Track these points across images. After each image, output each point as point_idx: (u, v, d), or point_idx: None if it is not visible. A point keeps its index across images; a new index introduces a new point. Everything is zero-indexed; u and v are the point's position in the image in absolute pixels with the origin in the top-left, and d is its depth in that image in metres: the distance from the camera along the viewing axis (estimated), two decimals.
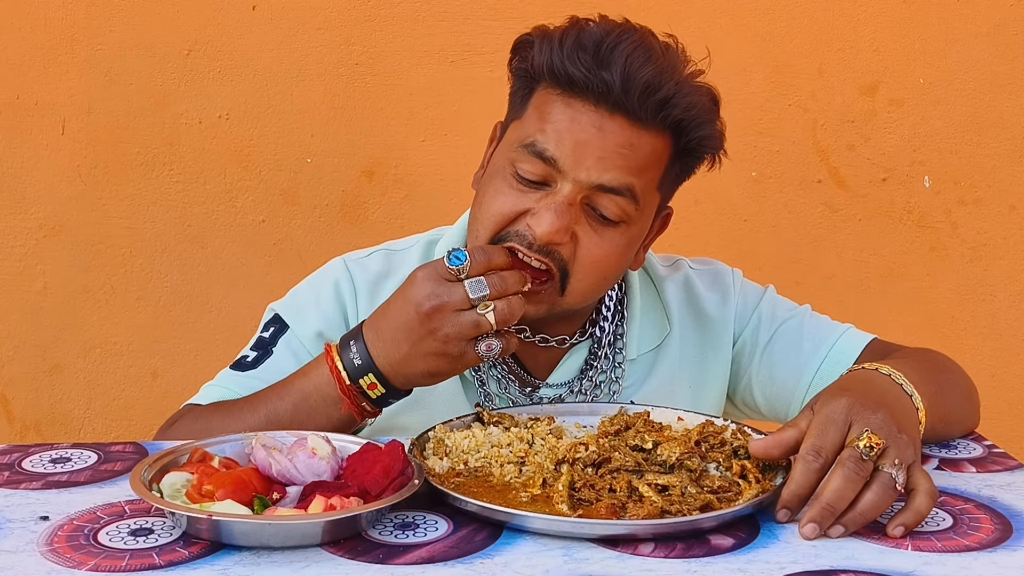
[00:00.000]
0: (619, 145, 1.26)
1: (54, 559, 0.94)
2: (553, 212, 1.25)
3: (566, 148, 1.26)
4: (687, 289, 1.51)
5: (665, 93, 1.25)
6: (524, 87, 1.33)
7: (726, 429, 1.19)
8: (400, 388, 1.21)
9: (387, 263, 1.46)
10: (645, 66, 1.24)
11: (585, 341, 1.44)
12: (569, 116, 1.26)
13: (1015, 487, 1.17)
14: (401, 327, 1.18)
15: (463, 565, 0.95)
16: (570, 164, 1.26)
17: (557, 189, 1.27)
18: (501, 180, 1.30)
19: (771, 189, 2.25)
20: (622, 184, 1.27)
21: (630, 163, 1.26)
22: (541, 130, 1.27)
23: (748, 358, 1.49)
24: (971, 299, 2.29)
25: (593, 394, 1.42)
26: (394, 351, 1.18)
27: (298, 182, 2.20)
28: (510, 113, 1.36)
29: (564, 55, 1.26)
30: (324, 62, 2.16)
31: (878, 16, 2.20)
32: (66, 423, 2.24)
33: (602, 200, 1.27)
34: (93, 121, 2.15)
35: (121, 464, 1.17)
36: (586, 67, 1.24)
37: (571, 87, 1.26)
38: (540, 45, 1.29)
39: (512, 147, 1.30)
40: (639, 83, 1.24)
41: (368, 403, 1.21)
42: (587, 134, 1.26)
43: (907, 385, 1.16)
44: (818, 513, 1.02)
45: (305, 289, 1.45)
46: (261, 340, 1.41)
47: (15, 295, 2.20)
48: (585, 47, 1.25)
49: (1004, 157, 2.25)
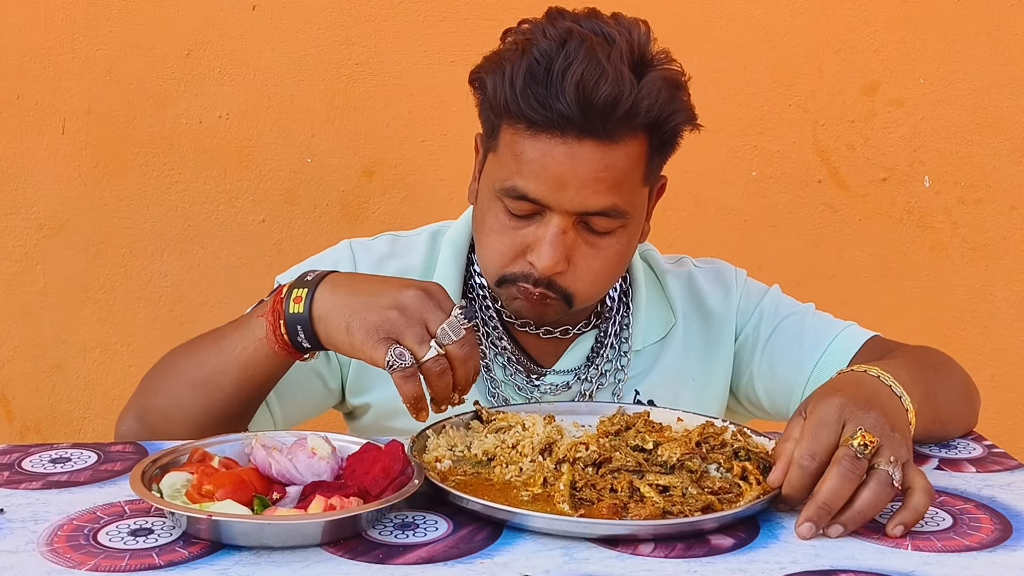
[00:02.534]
0: (595, 170, 1.26)
1: (54, 559, 0.94)
2: (549, 245, 1.28)
3: (546, 185, 1.27)
4: (690, 285, 1.52)
5: (625, 105, 1.24)
6: (489, 119, 1.34)
7: (726, 430, 1.19)
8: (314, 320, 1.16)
9: (392, 247, 1.48)
10: (600, 84, 1.22)
11: (591, 331, 1.46)
12: (540, 152, 1.27)
13: (1015, 487, 1.17)
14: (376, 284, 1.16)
15: (463, 565, 0.95)
16: (554, 199, 1.27)
17: (547, 219, 1.29)
18: (494, 218, 1.33)
19: (771, 189, 2.25)
20: (606, 206, 1.28)
21: (609, 184, 1.27)
22: (518, 172, 1.28)
23: (750, 353, 1.50)
24: (971, 299, 2.29)
25: (598, 383, 1.43)
26: (347, 288, 1.15)
27: (298, 182, 2.20)
28: (485, 138, 1.37)
29: (519, 96, 1.25)
30: (324, 62, 2.16)
31: (878, 16, 2.20)
32: (66, 423, 2.24)
33: (593, 219, 1.30)
34: (93, 121, 2.15)
35: (121, 464, 1.17)
36: (541, 103, 1.24)
37: (533, 124, 1.27)
38: (493, 83, 1.29)
39: (494, 187, 1.31)
40: (598, 105, 1.23)
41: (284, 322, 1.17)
42: (562, 167, 1.26)
43: (896, 387, 1.16)
44: (814, 512, 1.02)
45: (308, 264, 1.47)
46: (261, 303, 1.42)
47: (15, 295, 2.19)
48: (536, 79, 1.25)
49: (1004, 157, 2.25)
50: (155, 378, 1.33)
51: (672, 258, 1.56)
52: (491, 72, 1.30)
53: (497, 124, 1.32)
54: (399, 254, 1.47)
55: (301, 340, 1.18)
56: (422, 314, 1.12)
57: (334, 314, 1.14)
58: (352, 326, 1.12)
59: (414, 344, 1.10)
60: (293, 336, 1.18)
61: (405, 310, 1.12)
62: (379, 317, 1.11)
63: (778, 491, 1.06)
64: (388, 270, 1.44)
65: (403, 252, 1.47)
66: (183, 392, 1.28)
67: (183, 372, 1.29)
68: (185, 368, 1.30)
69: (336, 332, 1.14)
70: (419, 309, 1.12)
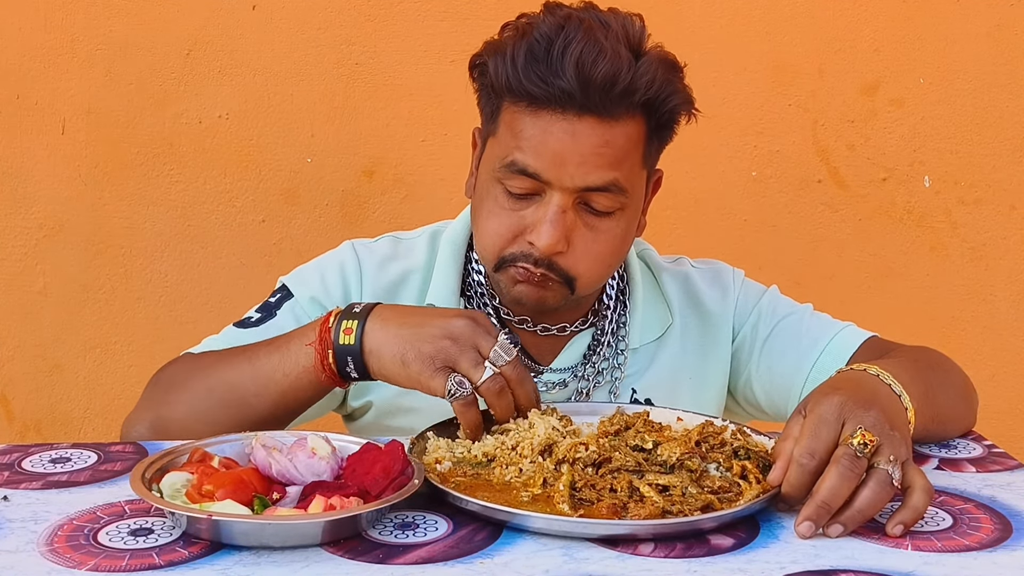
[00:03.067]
0: (595, 145, 1.28)
1: (54, 559, 0.94)
2: (549, 223, 1.29)
3: (545, 160, 1.28)
4: (687, 284, 1.52)
5: (624, 82, 1.26)
6: (490, 103, 1.35)
7: (726, 430, 1.19)
8: (365, 352, 1.19)
9: (394, 248, 1.49)
10: (598, 61, 1.25)
11: (588, 329, 1.46)
12: (540, 128, 1.28)
13: (1015, 487, 1.17)
14: (424, 316, 1.20)
15: (463, 565, 0.95)
16: (553, 174, 1.28)
17: (547, 198, 1.30)
18: (492, 201, 1.33)
19: (771, 189, 2.25)
20: (607, 182, 1.29)
21: (609, 160, 1.29)
22: (518, 147, 1.29)
23: (748, 353, 1.50)
24: (971, 299, 2.29)
25: (595, 381, 1.43)
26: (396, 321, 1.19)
27: (298, 182, 2.20)
28: (484, 126, 1.38)
29: (520, 73, 1.27)
30: (324, 62, 2.16)
31: (878, 16, 2.20)
32: (66, 423, 2.24)
33: (592, 197, 1.30)
34: (93, 121, 2.15)
35: (121, 464, 1.17)
36: (542, 80, 1.26)
37: (534, 101, 1.28)
38: (494, 65, 1.30)
39: (494, 166, 1.32)
40: (597, 82, 1.25)
41: (333, 353, 1.20)
42: (561, 143, 1.27)
43: (896, 385, 1.16)
44: (814, 511, 1.02)
45: (313, 266, 1.48)
46: (267, 304, 1.44)
47: (15, 295, 2.20)
48: (536, 57, 1.27)
49: (1004, 157, 2.25)
50: (171, 389, 1.32)
51: (670, 258, 1.56)
52: (492, 55, 1.31)
53: (497, 107, 1.33)
54: (401, 256, 1.48)
55: (350, 371, 1.21)
56: (473, 340, 1.16)
57: (387, 347, 1.18)
58: (407, 358, 1.16)
59: (470, 368, 1.15)
60: (342, 367, 1.21)
61: (457, 338, 1.16)
62: (433, 347, 1.16)
63: (778, 490, 1.06)
64: (391, 272, 1.45)
65: (404, 254, 1.48)
66: (210, 409, 1.27)
67: (211, 390, 1.28)
68: (214, 386, 1.28)
69: (391, 364, 1.18)
70: (470, 336, 1.16)
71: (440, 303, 1.41)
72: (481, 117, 1.39)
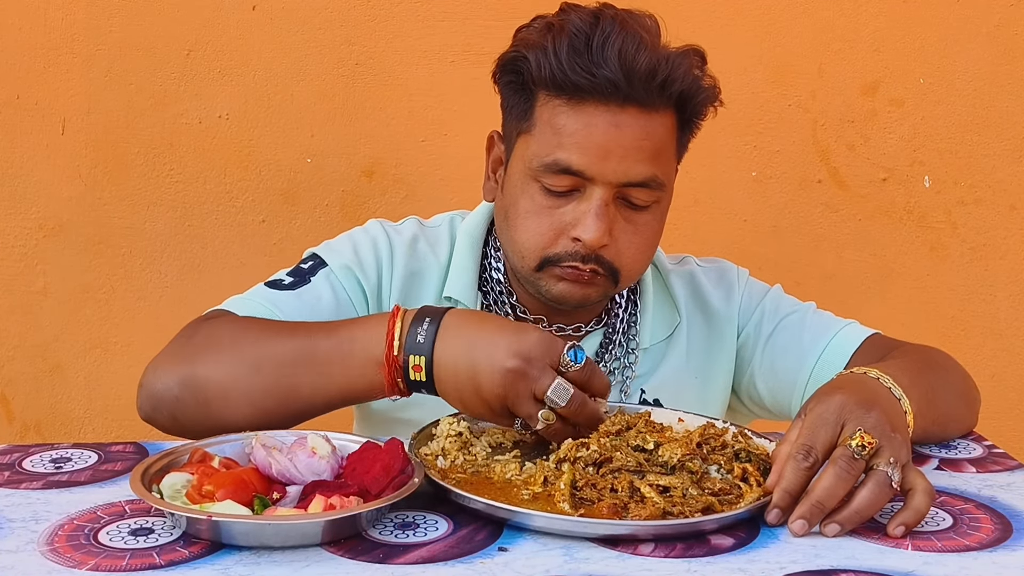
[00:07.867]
0: (636, 137, 1.28)
1: (54, 559, 0.94)
2: (594, 216, 1.29)
3: (590, 156, 1.28)
4: (692, 284, 1.53)
5: (663, 72, 1.27)
6: (521, 101, 1.34)
7: (727, 431, 1.19)
8: (436, 388, 1.18)
9: (420, 229, 1.49)
10: (639, 52, 1.26)
11: (600, 329, 1.46)
12: (583, 123, 1.28)
13: (1015, 487, 1.17)
14: (480, 350, 1.15)
15: (463, 565, 0.95)
16: (597, 169, 1.28)
17: (588, 193, 1.30)
18: (529, 200, 1.32)
19: (771, 189, 2.25)
20: (648, 176, 1.30)
21: (650, 153, 1.29)
22: (559, 145, 1.29)
23: (751, 351, 1.51)
24: (971, 299, 2.29)
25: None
26: (458, 358, 1.15)
27: (298, 182, 2.20)
28: (511, 125, 1.37)
29: (564, 65, 1.27)
30: (324, 62, 2.16)
31: (878, 16, 2.20)
32: (66, 423, 2.24)
33: (631, 192, 1.31)
34: (93, 121, 2.15)
35: (121, 464, 1.17)
36: (587, 71, 1.26)
37: (577, 93, 1.28)
38: (536, 59, 1.29)
39: (530, 165, 1.32)
40: (640, 71, 1.26)
41: (403, 380, 1.18)
42: (606, 135, 1.28)
43: (895, 388, 1.16)
44: (807, 510, 1.02)
45: (343, 239, 1.47)
46: (299, 270, 1.42)
47: (15, 295, 2.20)
48: (579, 50, 1.27)
49: (1004, 157, 2.25)
50: (210, 348, 1.24)
51: (675, 257, 1.57)
52: (529, 49, 1.30)
53: (531, 104, 1.32)
54: (425, 242, 1.47)
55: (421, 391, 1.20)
56: (529, 386, 1.13)
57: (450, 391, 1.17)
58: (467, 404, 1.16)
59: (528, 417, 1.14)
60: (413, 390, 1.20)
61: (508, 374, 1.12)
62: (491, 395, 1.14)
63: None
64: (417, 257, 1.44)
65: (429, 242, 1.47)
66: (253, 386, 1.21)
67: (258, 368, 1.21)
68: (262, 365, 1.21)
69: (456, 404, 1.18)
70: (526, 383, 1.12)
71: (457, 296, 1.42)
72: (506, 117, 1.38)
